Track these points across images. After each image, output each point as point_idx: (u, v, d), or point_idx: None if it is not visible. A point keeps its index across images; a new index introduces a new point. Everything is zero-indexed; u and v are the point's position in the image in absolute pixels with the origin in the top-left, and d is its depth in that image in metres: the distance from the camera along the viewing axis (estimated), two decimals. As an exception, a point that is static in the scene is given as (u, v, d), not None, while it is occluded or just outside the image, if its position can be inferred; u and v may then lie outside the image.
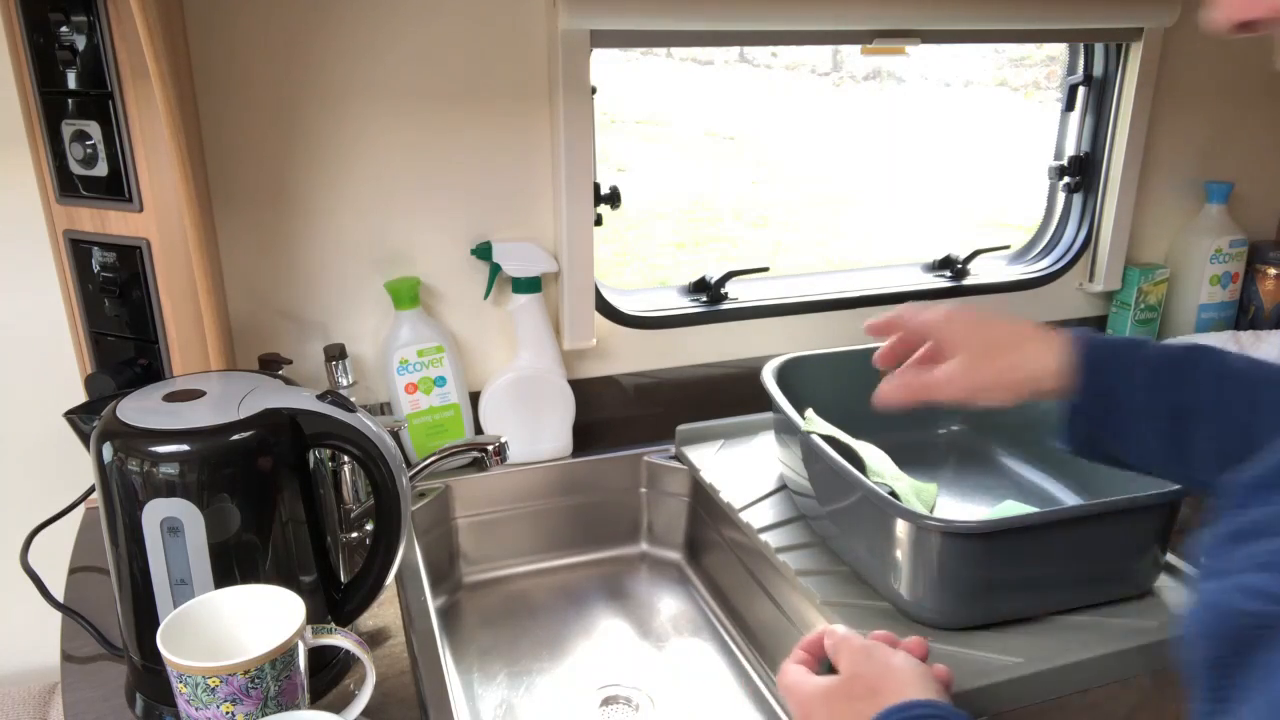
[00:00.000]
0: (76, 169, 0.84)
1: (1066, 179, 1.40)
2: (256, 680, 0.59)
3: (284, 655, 0.61)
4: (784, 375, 1.02)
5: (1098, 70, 1.35)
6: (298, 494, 0.70)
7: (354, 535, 0.99)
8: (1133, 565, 0.84)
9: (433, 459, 0.94)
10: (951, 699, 0.66)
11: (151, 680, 0.70)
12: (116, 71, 0.79)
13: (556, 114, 1.07)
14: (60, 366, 0.97)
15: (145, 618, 0.67)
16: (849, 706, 0.62)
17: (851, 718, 0.61)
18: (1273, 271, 1.45)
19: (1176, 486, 0.78)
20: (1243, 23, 0.40)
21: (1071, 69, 1.38)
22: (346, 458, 0.97)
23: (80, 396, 0.88)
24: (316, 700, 0.73)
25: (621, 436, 1.20)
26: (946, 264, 1.39)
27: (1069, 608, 0.83)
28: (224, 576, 0.66)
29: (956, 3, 1.17)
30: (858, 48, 1.19)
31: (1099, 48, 1.34)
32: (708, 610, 1.09)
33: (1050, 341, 0.71)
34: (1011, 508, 0.97)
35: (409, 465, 0.97)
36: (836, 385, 1.05)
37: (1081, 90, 1.37)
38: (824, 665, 0.69)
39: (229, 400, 0.69)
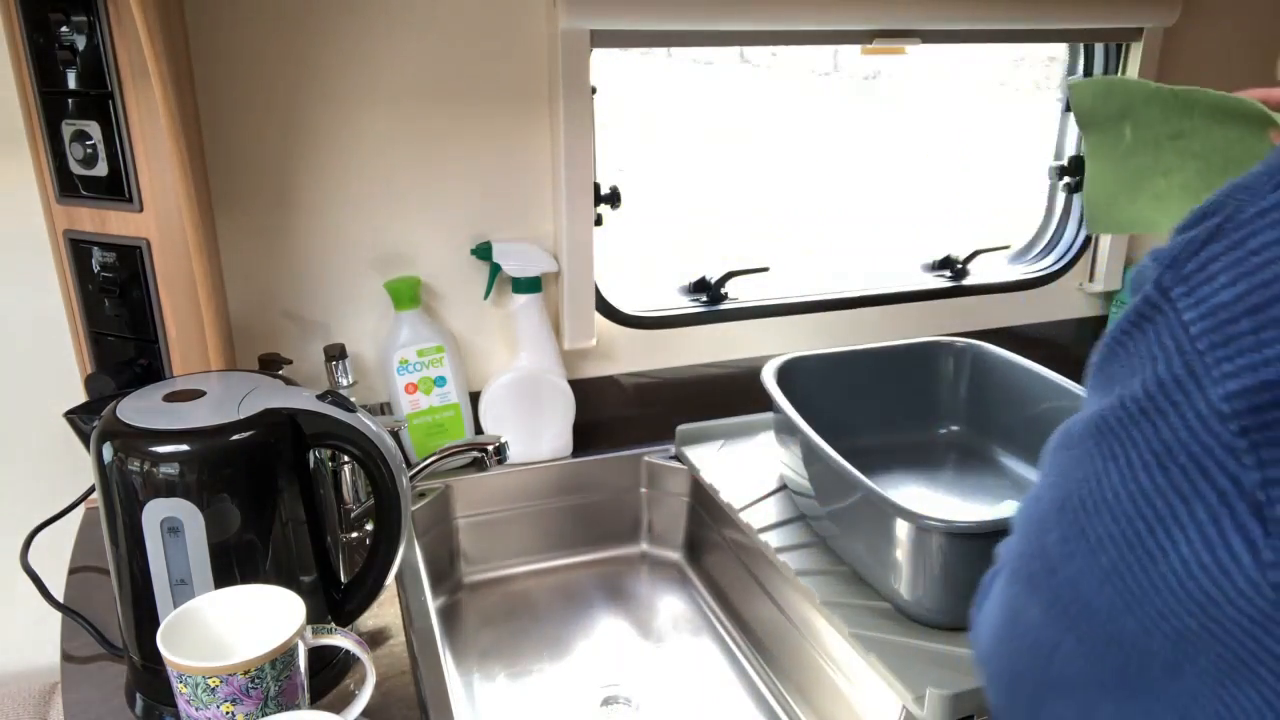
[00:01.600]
0: (76, 169, 0.84)
1: (1066, 179, 1.40)
2: (256, 680, 0.59)
3: (284, 655, 0.61)
4: (784, 375, 1.02)
5: (1098, 70, 1.35)
6: (298, 494, 0.70)
7: (354, 535, 0.99)
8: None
9: (433, 459, 0.94)
10: (954, 698, 0.68)
11: (151, 680, 0.70)
12: (116, 71, 0.79)
13: (556, 114, 1.07)
14: (60, 366, 0.97)
15: (145, 618, 0.67)
16: None
17: None
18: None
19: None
20: None
21: (1071, 69, 1.38)
22: (346, 458, 0.97)
23: (80, 396, 0.88)
24: (316, 700, 0.73)
25: (621, 436, 1.20)
26: (946, 264, 1.39)
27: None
28: (224, 576, 0.66)
29: (956, 3, 1.17)
30: (857, 49, 1.19)
31: (1099, 48, 1.34)
32: (708, 610, 1.09)
33: None
34: (1012, 508, 0.97)
35: (409, 465, 0.97)
36: (836, 385, 1.05)
37: (1081, 90, 1.37)
38: None
39: (229, 400, 0.69)
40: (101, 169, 0.83)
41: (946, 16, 1.18)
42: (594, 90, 1.07)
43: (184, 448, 0.64)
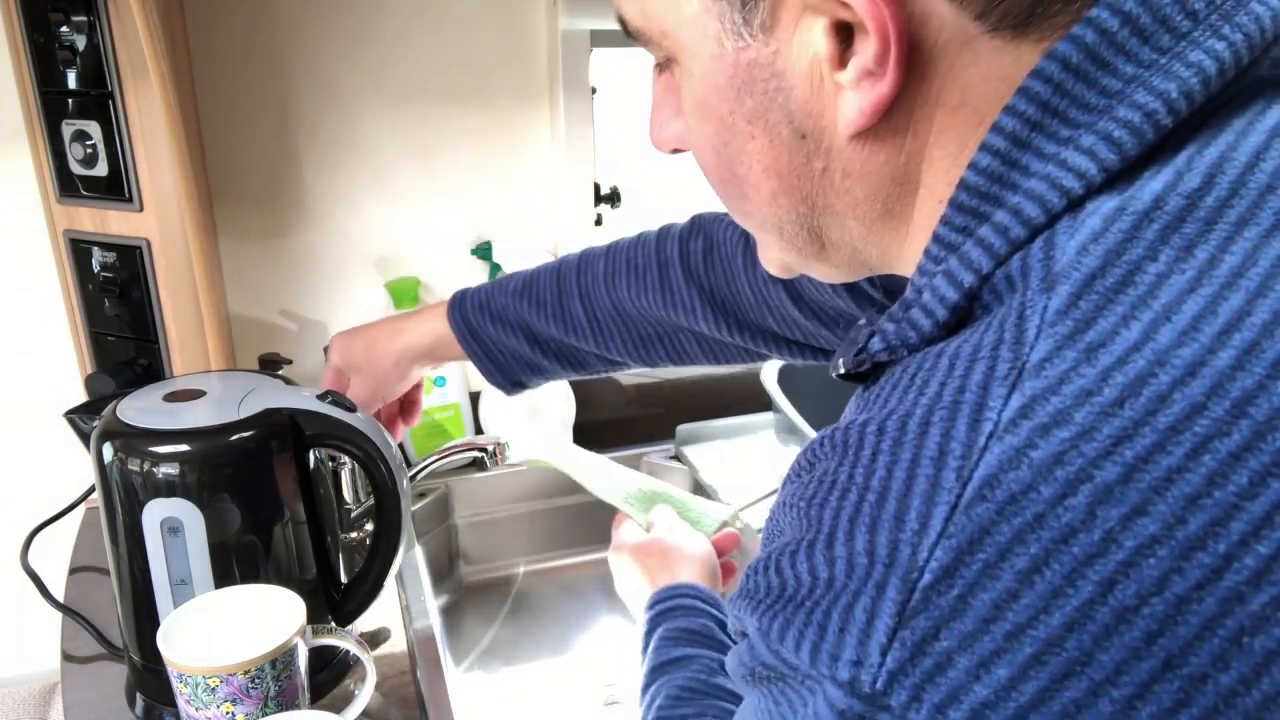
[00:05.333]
0: (76, 169, 0.84)
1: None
2: (256, 680, 0.59)
3: (284, 655, 0.61)
4: (784, 375, 1.02)
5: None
6: (298, 494, 0.70)
7: (354, 535, 0.99)
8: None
9: (433, 459, 0.94)
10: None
11: (151, 680, 0.70)
12: (116, 71, 0.79)
13: (556, 114, 1.07)
14: (60, 366, 0.97)
15: (145, 618, 0.67)
16: (640, 561, 0.75)
17: (638, 571, 0.74)
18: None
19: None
20: (672, 149, 0.44)
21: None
22: (346, 458, 0.97)
23: (80, 396, 0.88)
24: (316, 700, 0.73)
25: (621, 436, 1.20)
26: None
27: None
28: (224, 576, 0.66)
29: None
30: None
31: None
32: (708, 610, 1.08)
33: (435, 326, 0.78)
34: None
35: (409, 465, 0.97)
36: (837, 385, 1.05)
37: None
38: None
39: (229, 400, 0.69)
40: (101, 169, 0.83)
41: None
42: (594, 90, 1.07)
43: (184, 448, 0.64)
